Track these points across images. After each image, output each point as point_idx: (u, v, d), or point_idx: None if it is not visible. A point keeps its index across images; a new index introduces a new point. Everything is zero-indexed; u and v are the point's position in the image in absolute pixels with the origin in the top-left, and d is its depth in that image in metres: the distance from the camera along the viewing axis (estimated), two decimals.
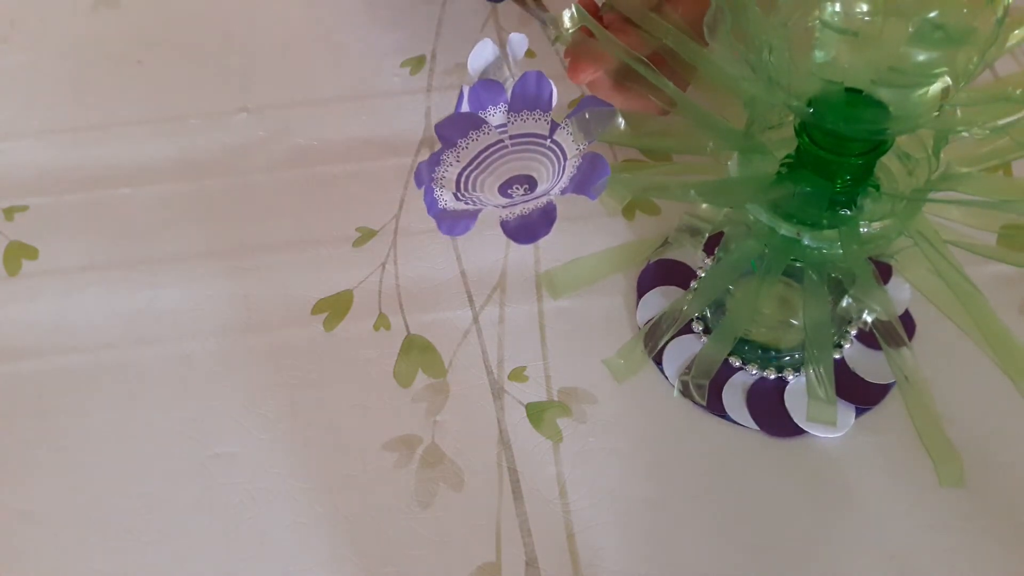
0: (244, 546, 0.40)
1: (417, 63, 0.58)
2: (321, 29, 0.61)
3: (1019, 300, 0.44)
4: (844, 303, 0.39)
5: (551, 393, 0.44)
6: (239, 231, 0.51)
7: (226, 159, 0.54)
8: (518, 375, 0.44)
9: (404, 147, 0.54)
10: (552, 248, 0.48)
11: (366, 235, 0.50)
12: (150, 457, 0.43)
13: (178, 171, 0.54)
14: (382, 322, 0.46)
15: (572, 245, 0.48)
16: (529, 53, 0.46)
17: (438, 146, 0.43)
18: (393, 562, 0.39)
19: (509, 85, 0.41)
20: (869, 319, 0.40)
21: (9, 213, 0.52)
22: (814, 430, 0.41)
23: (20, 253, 0.51)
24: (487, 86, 0.40)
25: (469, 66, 0.42)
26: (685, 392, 0.42)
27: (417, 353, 0.45)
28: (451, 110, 0.43)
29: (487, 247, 0.49)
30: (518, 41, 0.43)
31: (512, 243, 0.47)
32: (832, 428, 0.41)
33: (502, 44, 0.43)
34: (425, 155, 0.53)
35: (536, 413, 0.43)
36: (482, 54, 0.42)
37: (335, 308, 0.47)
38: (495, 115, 0.40)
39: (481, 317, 0.46)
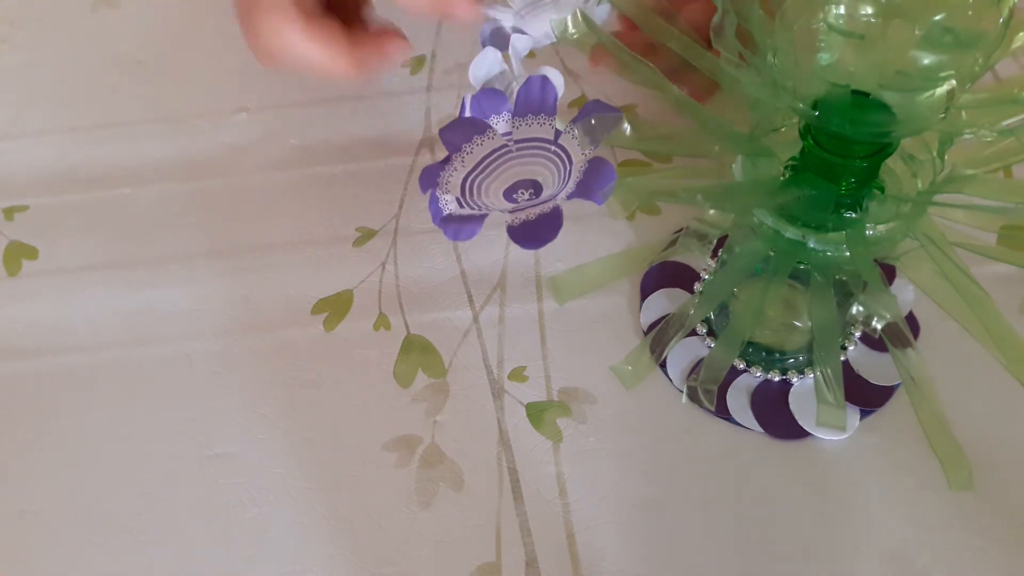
0: (244, 546, 0.40)
1: (417, 63, 0.58)
2: None
3: (1019, 300, 0.44)
4: (853, 310, 0.39)
5: (551, 393, 0.43)
6: (239, 231, 0.51)
7: (226, 159, 0.54)
8: (518, 375, 0.44)
9: (404, 147, 0.54)
10: (553, 248, 0.48)
11: (366, 235, 0.50)
12: (150, 457, 0.43)
13: (178, 171, 0.54)
14: (382, 322, 0.46)
15: (573, 246, 0.48)
16: (530, 54, 0.46)
17: (438, 146, 0.43)
18: (393, 562, 0.39)
19: (514, 88, 0.41)
20: (879, 326, 0.40)
21: (9, 213, 0.52)
22: (819, 433, 0.41)
23: (20, 253, 0.51)
24: (489, 94, 0.40)
25: (470, 74, 0.42)
26: (693, 397, 0.42)
27: (417, 353, 0.45)
28: (451, 110, 0.43)
29: (487, 247, 0.49)
30: (521, 42, 0.43)
31: (512, 243, 0.47)
32: (840, 432, 0.41)
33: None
34: (425, 155, 0.53)
35: (536, 413, 0.43)
36: (483, 63, 0.42)
37: (335, 308, 0.47)
38: (498, 124, 0.40)
39: (481, 317, 0.46)
